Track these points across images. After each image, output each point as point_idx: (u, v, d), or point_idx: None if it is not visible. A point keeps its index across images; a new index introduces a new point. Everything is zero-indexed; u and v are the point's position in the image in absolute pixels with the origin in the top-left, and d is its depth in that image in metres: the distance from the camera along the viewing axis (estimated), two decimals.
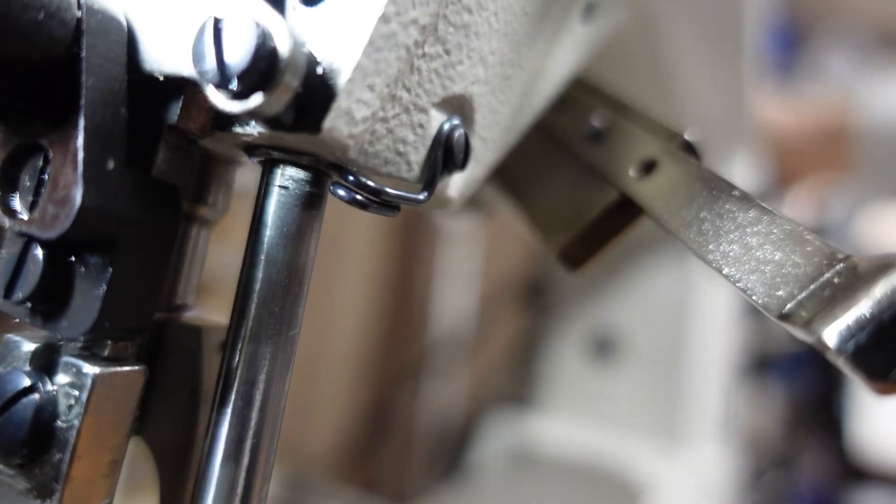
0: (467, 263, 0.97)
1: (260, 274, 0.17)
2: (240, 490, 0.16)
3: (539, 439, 0.58)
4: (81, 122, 0.13)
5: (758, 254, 0.16)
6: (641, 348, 0.57)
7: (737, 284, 0.16)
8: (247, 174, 0.21)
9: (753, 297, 0.15)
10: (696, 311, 0.57)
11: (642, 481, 0.54)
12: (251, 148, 0.17)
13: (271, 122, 0.15)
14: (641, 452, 0.55)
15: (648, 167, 0.21)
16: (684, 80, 0.38)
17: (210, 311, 0.20)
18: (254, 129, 0.15)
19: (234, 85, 0.13)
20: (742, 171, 0.61)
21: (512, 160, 0.24)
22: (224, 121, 0.16)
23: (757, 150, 0.63)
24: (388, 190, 0.17)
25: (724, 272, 0.16)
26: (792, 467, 1.19)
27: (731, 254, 0.16)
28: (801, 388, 1.21)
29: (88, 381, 0.14)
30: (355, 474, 0.87)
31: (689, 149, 0.21)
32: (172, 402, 0.18)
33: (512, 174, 0.25)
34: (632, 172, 0.21)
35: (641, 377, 0.57)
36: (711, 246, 0.17)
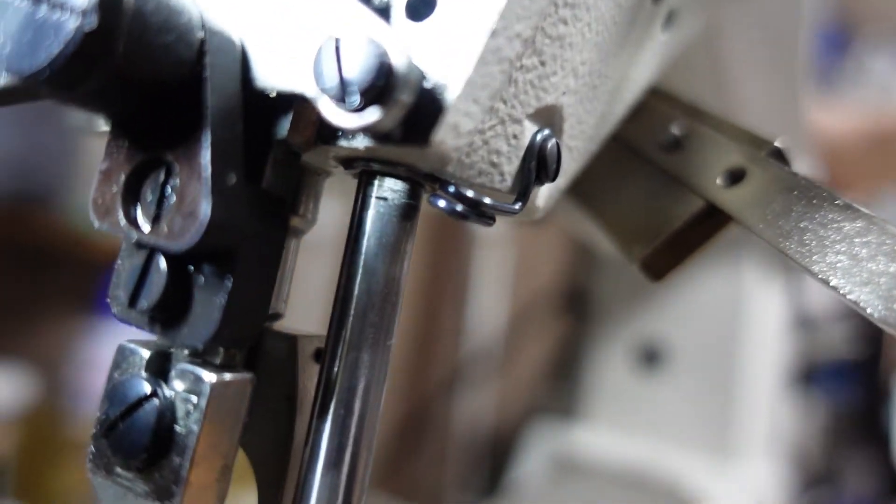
0: (501, 269, 0.97)
1: (359, 284, 0.17)
2: (340, 498, 0.17)
3: (585, 451, 0.57)
4: (207, 139, 0.14)
5: (870, 265, 0.15)
6: (690, 358, 0.56)
7: (847, 297, 0.15)
8: None
9: (868, 311, 0.15)
10: (746, 320, 0.56)
11: (692, 494, 0.52)
12: (349, 160, 0.17)
13: (381, 135, 0.15)
14: (691, 465, 0.54)
15: (737, 176, 0.20)
16: (744, 92, 0.38)
17: None
18: (360, 142, 0.16)
19: (354, 101, 0.14)
20: None
21: (586, 169, 0.24)
22: (329, 134, 0.16)
23: (809, 158, 0.62)
24: (487, 201, 0.17)
25: (831, 284, 0.16)
26: (837, 481, 1.16)
27: (838, 265, 0.16)
28: (846, 399, 1.17)
29: (206, 389, 0.15)
30: (389, 482, 0.87)
31: (779, 156, 0.20)
32: (268, 409, 0.18)
33: (586, 183, 0.25)
34: (719, 181, 0.21)
35: (690, 388, 0.56)
36: (816, 257, 0.16)
